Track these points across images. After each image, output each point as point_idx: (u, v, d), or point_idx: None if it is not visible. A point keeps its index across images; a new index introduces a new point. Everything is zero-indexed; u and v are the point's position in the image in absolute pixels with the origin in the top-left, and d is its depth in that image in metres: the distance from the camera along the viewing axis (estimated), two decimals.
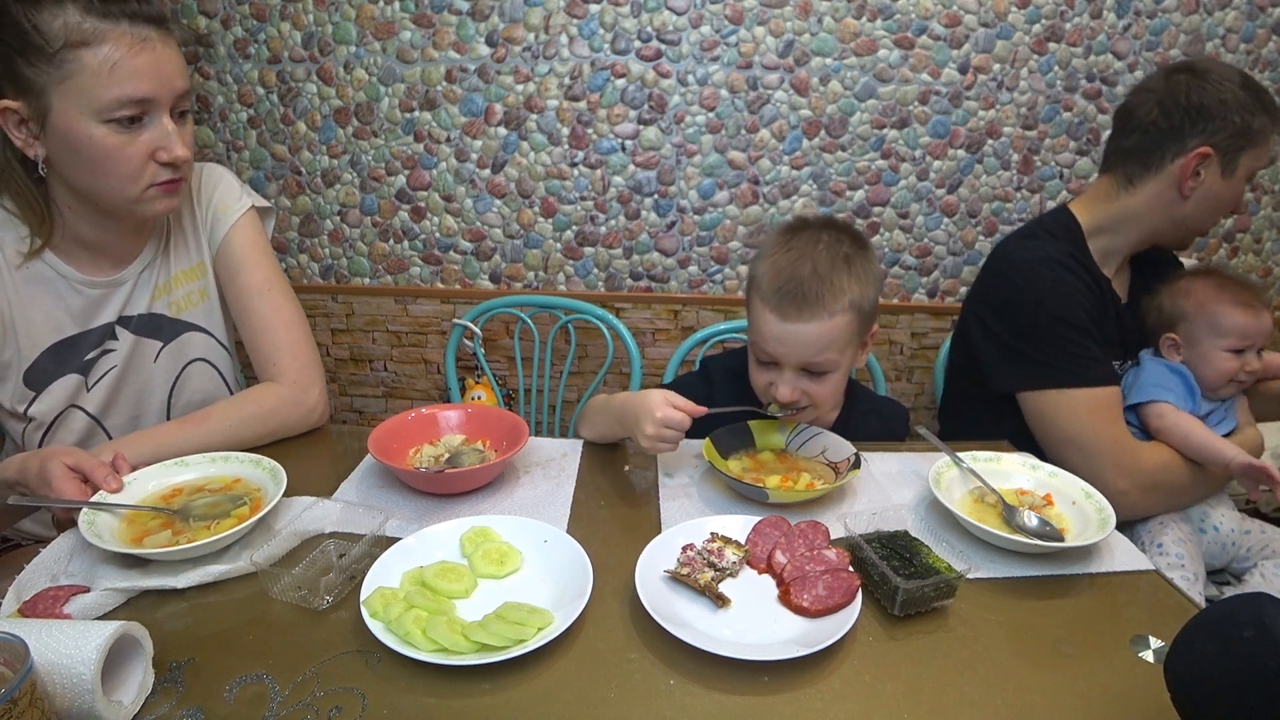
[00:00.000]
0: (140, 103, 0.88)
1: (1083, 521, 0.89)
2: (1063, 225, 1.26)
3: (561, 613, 0.70)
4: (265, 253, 1.15)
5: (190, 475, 0.92)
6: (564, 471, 1.01)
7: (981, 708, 0.63)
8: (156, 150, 0.92)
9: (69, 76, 0.85)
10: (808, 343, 0.99)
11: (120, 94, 0.86)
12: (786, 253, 1.02)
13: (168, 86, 0.90)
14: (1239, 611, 0.51)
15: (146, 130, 0.91)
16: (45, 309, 1.00)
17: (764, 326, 1.02)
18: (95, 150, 0.89)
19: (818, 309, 0.97)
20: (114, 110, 0.87)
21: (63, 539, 0.82)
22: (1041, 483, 0.96)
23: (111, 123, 0.88)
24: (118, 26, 0.86)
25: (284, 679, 0.64)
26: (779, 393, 1.02)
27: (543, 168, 1.89)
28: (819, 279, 0.98)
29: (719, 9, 1.75)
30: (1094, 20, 1.76)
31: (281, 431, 1.08)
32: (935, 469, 0.94)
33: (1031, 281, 1.19)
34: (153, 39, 0.88)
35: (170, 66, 0.91)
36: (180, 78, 0.92)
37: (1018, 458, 1.01)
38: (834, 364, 1.01)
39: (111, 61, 0.85)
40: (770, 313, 1.00)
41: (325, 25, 1.80)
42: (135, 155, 0.91)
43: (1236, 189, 1.19)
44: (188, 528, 0.83)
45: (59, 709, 0.56)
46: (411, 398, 2.12)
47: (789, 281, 0.99)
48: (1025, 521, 0.86)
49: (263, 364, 1.12)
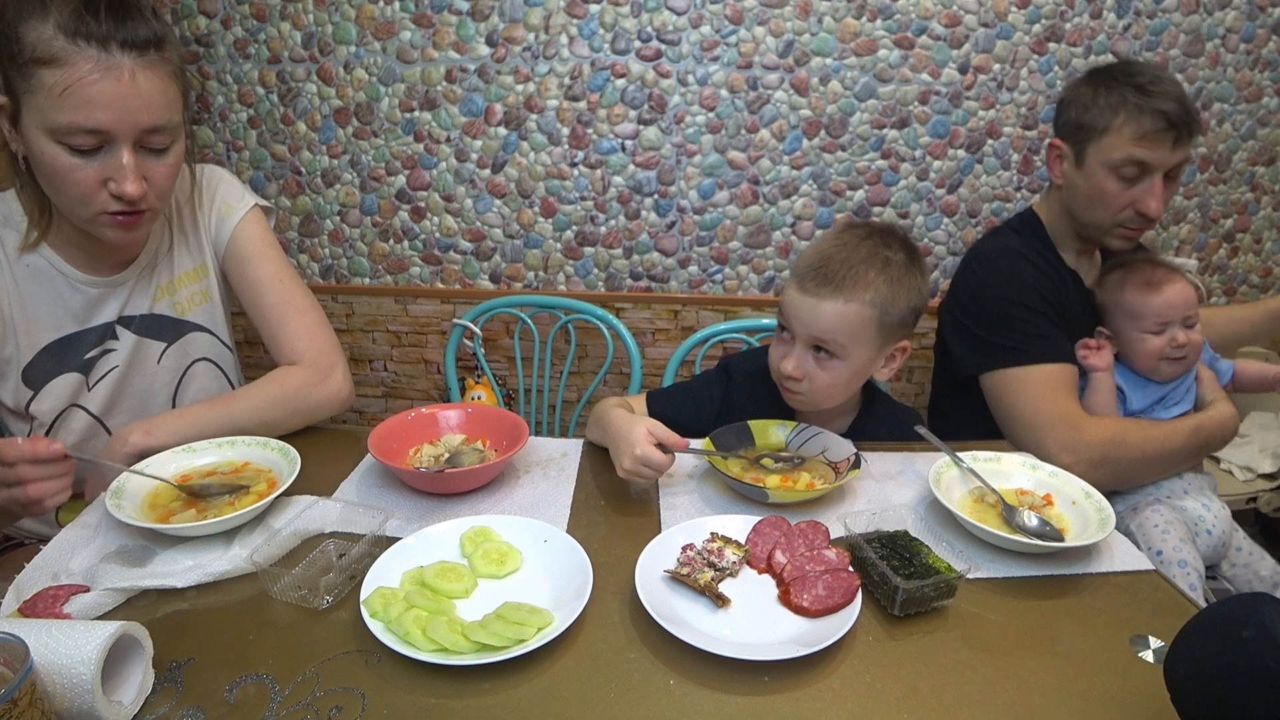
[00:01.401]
0: (93, 132, 0.84)
1: (1083, 521, 0.89)
2: (1026, 223, 1.36)
3: (561, 613, 0.70)
4: (273, 246, 1.15)
5: (202, 460, 0.94)
6: (564, 471, 1.01)
7: (981, 707, 0.63)
8: (108, 180, 0.88)
9: (31, 90, 0.83)
10: (819, 318, 1.01)
11: (70, 120, 0.83)
12: (832, 241, 1.06)
13: (128, 120, 0.85)
14: (1239, 611, 0.51)
15: (102, 158, 0.87)
16: (45, 306, 1.00)
17: (788, 296, 1.05)
18: (47, 166, 0.87)
19: (836, 290, 1.00)
20: (64, 135, 0.84)
21: (63, 537, 0.82)
22: (1041, 483, 0.96)
23: (63, 144, 0.85)
24: (84, 50, 0.82)
25: (284, 679, 0.64)
26: (785, 364, 1.05)
27: (543, 168, 1.89)
28: (849, 266, 1.01)
29: (719, 9, 1.75)
30: (1094, 20, 1.76)
31: (306, 412, 1.08)
32: (935, 469, 0.94)
33: (989, 270, 1.29)
34: (124, 68, 0.83)
35: (140, 100, 0.85)
36: (151, 112, 0.87)
37: (1018, 458, 1.01)
38: (842, 350, 1.02)
39: (65, 85, 0.81)
40: (795, 285, 1.04)
41: (325, 25, 1.80)
42: (85, 180, 0.87)
43: (1092, 181, 1.24)
44: (210, 506, 0.85)
45: (59, 709, 0.56)
46: (411, 398, 2.12)
47: (821, 261, 1.03)
48: (1025, 521, 0.86)
49: (282, 352, 1.12)
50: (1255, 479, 1.81)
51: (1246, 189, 1.93)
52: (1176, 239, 1.97)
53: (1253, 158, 1.89)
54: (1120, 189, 1.22)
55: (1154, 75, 1.19)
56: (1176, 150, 1.18)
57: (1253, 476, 1.81)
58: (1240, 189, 1.93)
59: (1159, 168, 1.19)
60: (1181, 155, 1.20)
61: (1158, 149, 1.18)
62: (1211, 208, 1.94)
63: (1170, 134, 1.17)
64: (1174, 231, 1.96)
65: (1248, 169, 1.91)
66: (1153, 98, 1.17)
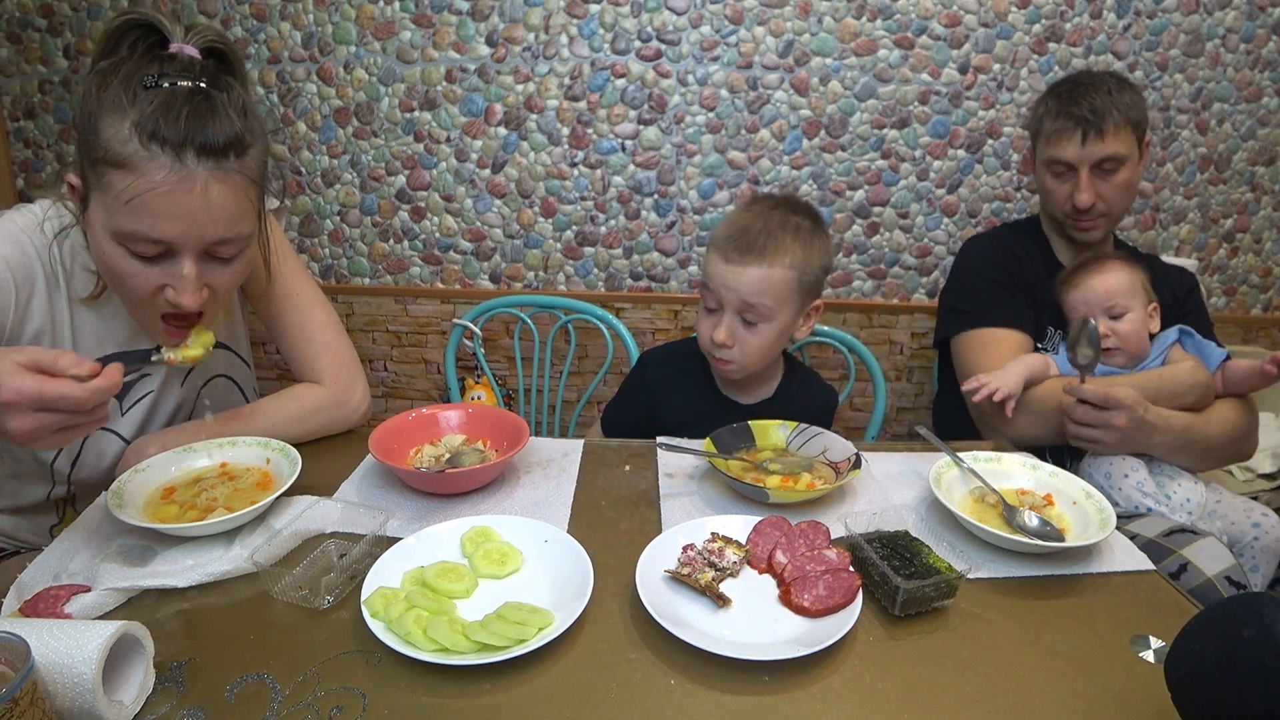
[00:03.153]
0: (157, 242, 0.81)
1: (1083, 521, 0.89)
2: (1025, 220, 1.54)
3: (562, 613, 0.70)
4: (290, 256, 1.13)
5: (202, 461, 0.94)
6: (564, 471, 1.01)
7: (981, 708, 0.63)
8: (166, 287, 0.85)
9: (99, 188, 0.80)
10: (748, 285, 1.09)
11: (134, 228, 0.79)
12: (744, 213, 1.14)
13: (194, 234, 0.81)
14: (1239, 611, 0.51)
15: (163, 265, 0.83)
16: (96, 333, 0.98)
17: (712, 269, 1.12)
18: (106, 264, 0.85)
19: (759, 257, 1.08)
20: (126, 240, 0.81)
21: (64, 538, 0.82)
22: (1042, 483, 0.97)
23: (125, 247, 0.82)
24: (158, 157, 0.77)
25: (284, 679, 0.64)
26: (716, 333, 1.11)
27: (543, 168, 1.89)
28: (766, 234, 1.09)
29: (719, 9, 1.75)
30: (1094, 20, 1.76)
31: (323, 430, 1.08)
32: (935, 469, 0.94)
33: (966, 249, 1.50)
34: (197, 179, 0.79)
35: (209, 214, 0.81)
36: (219, 225, 0.82)
37: (1018, 457, 1.01)
38: (770, 313, 1.10)
39: (133, 194, 0.78)
40: (718, 256, 1.11)
41: (325, 25, 1.80)
42: (144, 286, 0.84)
43: (1040, 179, 1.42)
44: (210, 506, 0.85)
45: (60, 709, 0.56)
46: (411, 398, 2.12)
47: (739, 232, 1.11)
48: (1026, 521, 0.87)
49: (303, 369, 1.12)
50: (1255, 479, 1.81)
51: (1246, 189, 1.93)
52: (1176, 239, 1.97)
53: (1253, 158, 1.89)
54: (1056, 185, 1.37)
55: (1084, 83, 1.32)
56: (1089, 147, 1.30)
57: (1253, 476, 1.81)
58: (1240, 189, 1.93)
59: (1080, 164, 1.32)
60: (1100, 151, 1.30)
61: (1069, 147, 1.32)
62: (1211, 208, 1.94)
63: (1076, 132, 1.31)
64: (1174, 231, 1.96)
65: (1248, 169, 1.91)
66: (1065, 102, 1.32)
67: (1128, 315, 1.25)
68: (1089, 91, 1.31)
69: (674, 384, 1.25)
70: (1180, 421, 1.17)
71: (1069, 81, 1.36)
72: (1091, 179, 1.32)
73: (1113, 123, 1.29)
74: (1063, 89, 1.35)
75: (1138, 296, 1.26)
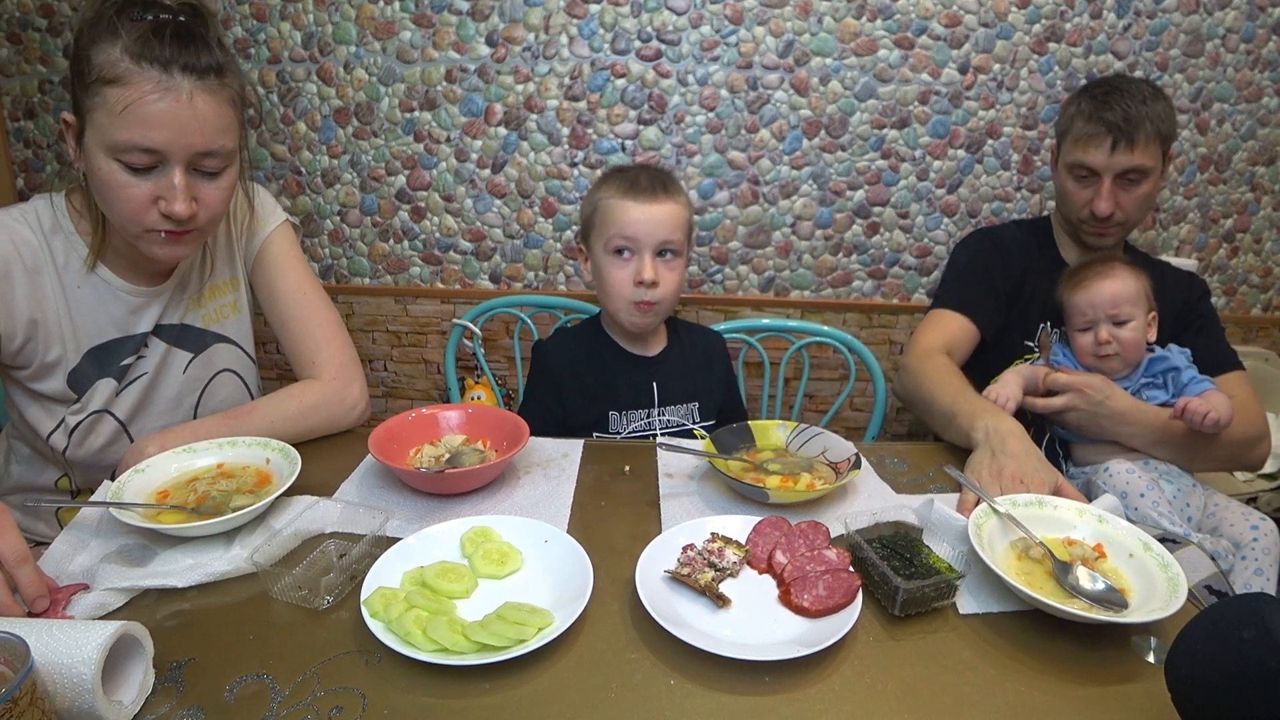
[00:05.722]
0: (148, 151, 0.87)
1: (1143, 578, 0.78)
2: (1035, 220, 1.57)
3: (562, 613, 0.70)
4: (300, 259, 1.18)
5: (202, 461, 0.94)
6: (564, 471, 1.01)
7: (982, 707, 0.63)
8: (158, 199, 0.90)
9: (95, 108, 0.86)
10: (664, 219, 1.17)
11: (126, 138, 0.86)
12: (622, 172, 1.22)
13: (182, 141, 0.88)
14: (1239, 611, 0.51)
15: (154, 177, 0.90)
16: (90, 313, 1.02)
17: (624, 215, 1.17)
18: (102, 182, 0.90)
19: (665, 194, 1.18)
20: (120, 152, 0.87)
21: (64, 538, 0.82)
22: (1092, 530, 0.85)
23: (119, 161, 0.88)
24: (147, 71, 0.85)
25: (284, 679, 0.64)
26: (644, 273, 1.16)
27: (543, 168, 1.89)
28: (658, 178, 1.20)
29: (719, 9, 1.75)
30: (1094, 20, 1.76)
31: (322, 428, 1.10)
32: (974, 519, 0.83)
33: (959, 246, 1.54)
34: (183, 90, 0.86)
35: (195, 122, 0.88)
36: (205, 135, 0.89)
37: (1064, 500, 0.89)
38: (680, 246, 1.20)
39: (126, 103, 0.85)
40: (628, 200, 1.17)
41: (325, 25, 1.80)
42: (137, 197, 0.90)
43: (1060, 180, 1.42)
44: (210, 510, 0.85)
45: (60, 709, 0.56)
46: (411, 398, 2.12)
47: (636, 179, 1.19)
48: (1085, 585, 0.75)
49: (303, 364, 1.15)
50: (1255, 479, 1.81)
51: (1246, 189, 1.93)
52: (1176, 239, 1.97)
53: (1253, 158, 1.89)
54: (1077, 189, 1.37)
55: (1119, 88, 1.30)
56: (1117, 155, 1.29)
57: (1253, 477, 1.81)
58: (1240, 189, 1.93)
59: (1105, 171, 1.31)
60: (1126, 161, 1.30)
61: (1097, 153, 1.31)
62: (1211, 208, 1.94)
63: (1107, 139, 1.29)
64: (1174, 231, 1.96)
65: (1248, 169, 1.90)
66: (1099, 106, 1.30)
67: (1131, 324, 1.24)
68: (1124, 98, 1.29)
69: (580, 360, 1.27)
70: (1157, 416, 1.19)
71: (1104, 84, 1.34)
72: (1114, 188, 1.32)
73: (1144, 134, 1.28)
74: (1097, 91, 1.33)
75: (1141, 305, 1.25)
